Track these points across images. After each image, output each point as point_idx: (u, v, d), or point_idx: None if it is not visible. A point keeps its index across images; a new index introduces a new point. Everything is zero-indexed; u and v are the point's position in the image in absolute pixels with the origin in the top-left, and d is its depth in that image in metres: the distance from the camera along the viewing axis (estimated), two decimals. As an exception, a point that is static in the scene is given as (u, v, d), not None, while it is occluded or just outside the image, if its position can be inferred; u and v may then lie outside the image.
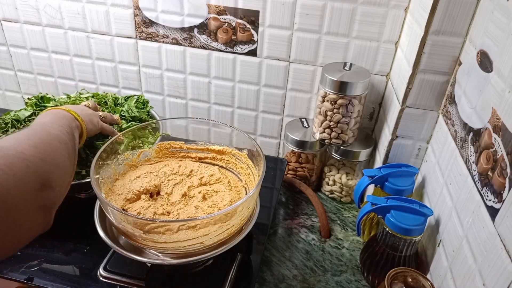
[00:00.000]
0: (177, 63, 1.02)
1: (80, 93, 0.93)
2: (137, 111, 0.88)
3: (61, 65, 1.12)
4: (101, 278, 0.65)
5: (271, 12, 0.89)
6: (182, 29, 0.97)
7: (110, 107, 0.88)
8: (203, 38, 0.96)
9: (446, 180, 0.66)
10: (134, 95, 0.96)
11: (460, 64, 0.67)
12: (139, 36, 1.01)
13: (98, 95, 0.92)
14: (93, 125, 0.72)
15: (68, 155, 0.55)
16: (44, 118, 0.62)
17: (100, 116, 0.77)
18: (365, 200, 0.80)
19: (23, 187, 0.42)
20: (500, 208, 0.47)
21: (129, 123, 0.85)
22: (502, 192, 0.47)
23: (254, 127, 1.06)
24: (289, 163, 0.97)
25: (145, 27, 0.99)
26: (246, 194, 0.71)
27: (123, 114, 0.87)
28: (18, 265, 0.68)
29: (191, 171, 0.73)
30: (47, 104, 0.85)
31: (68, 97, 0.89)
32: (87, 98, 0.89)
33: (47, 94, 0.88)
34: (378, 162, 0.86)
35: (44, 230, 0.47)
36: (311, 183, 0.97)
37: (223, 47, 0.96)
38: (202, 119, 1.09)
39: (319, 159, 0.95)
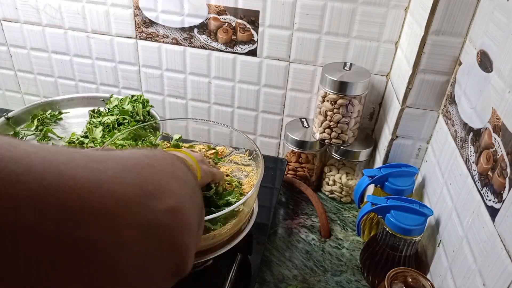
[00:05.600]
0: (177, 63, 1.02)
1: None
2: (142, 115, 0.90)
3: (61, 65, 1.12)
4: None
5: (271, 12, 0.89)
6: (182, 29, 0.97)
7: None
8: (203, 38, 0.96)
9: (446, 180, 0.66)
10: (134, 95, 0.96)
11: (460, 64, 0.67)
12: (139, 36, 1.01)
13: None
14: (206, 175, 0.58)
15: (194, 178, 0.39)
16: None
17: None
18: (365, 200, 0.80)
19: (153, 258, 0.27)
20: (500, 208, 0.47)
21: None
22: (502, 192, 0.47)
23: (254, 127, 1.06)
24: (289, 163, 0.97)
25: (145, 27, 0.99)
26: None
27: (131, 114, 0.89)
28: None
29: None
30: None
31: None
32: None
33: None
34: (378, 162, 0.86)
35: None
36: (311, 183, 0.97)
37: (223, 47, 0.96)
38: (201, 120, 1.09)
39: (319, 159, 0.95)
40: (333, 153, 0.92)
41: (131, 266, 0.26)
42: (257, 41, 0.93)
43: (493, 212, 0.49)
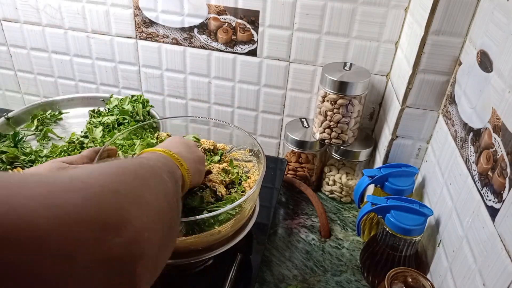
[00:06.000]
0: (177, 63, 1.02)
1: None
2: (142, 115, 0.90)
3: (61, 65, 1.12)
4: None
5: (271, 12, 0.89)
6: (182, 29, 0.97)
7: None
8: (203, 38, 0.96)
9: (446, 180, 0.66)
10: (134, 95, 0.96)
11: (460, 64, 0.67)
12: (139, 36, 1.01)
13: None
14: (199, 176, 0.58)
15: (165, 195, 0.39)
16: (141, 156, 0.50)
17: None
18: (365, 200, 0.80)
19: (72, 227, 0.25)
20: (500, 208, 0.47)
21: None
22: (502, 192, 0.47)
23: (254, 127, 1.06)
24: (289, 163, 0.97)
25: (145, 27, 0.99)
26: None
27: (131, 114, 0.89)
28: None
29: None
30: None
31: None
32: None
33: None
34: (378, 162, 0.86)
35: None
36: (311, 183, 0.97)
37: (223, 47, 0.96)
38: (203, 118, 1.09)
39: (319, 159, 0.95)
40: (333, 153, 0.92)
41: None
42: (257, 41, 0.93)
43: (493, 212, 0.49)
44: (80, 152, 0.66)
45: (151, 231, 0.32)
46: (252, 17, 0.91)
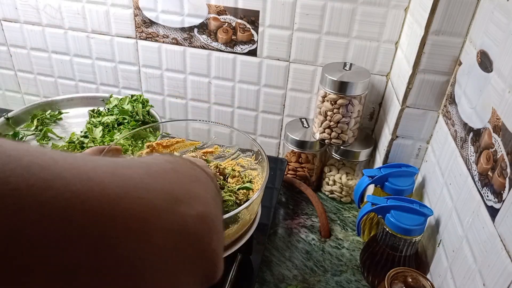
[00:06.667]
0: (177, 63, 1.02)
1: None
2: (142, 115, 0.90)
3: (61, 65, 1.12)
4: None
5: (271, 12, 0.89)
6: (182, 29, 0.97)
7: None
8: (203, 38, 0.96)
9: (446, 180, 0.66)
10: (133, 95, 0.96)
11: (460, 64, 0.67)
12: (139, 36, 1.01)
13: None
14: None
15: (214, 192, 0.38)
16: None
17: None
18: (365, 200, 0.80)
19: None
20: (500, 208, 0.47)
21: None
22: (502, 192, 0.47)
23: (254, 127, 1.06)
24: (289, 163, 0.97)
25: (145, 27, 0.99)
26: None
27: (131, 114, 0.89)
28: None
29: None
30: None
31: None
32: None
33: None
34: (378, 162, 0.86)
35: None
36: (311, 183, 0.97)
37: (223, 47, 0.96)
38: (202, 120, 1.09)
39: (319, 159, 0.95)
40: (333, 153, 0.92)
41: (160, 274, 0.25)
42: (257, 41, 0.93)
43: (493, 212, 0.49)
44: (80, 152, 0.65)
45: (214, 208, 0.32)
46: (252, 17, 0.91)
